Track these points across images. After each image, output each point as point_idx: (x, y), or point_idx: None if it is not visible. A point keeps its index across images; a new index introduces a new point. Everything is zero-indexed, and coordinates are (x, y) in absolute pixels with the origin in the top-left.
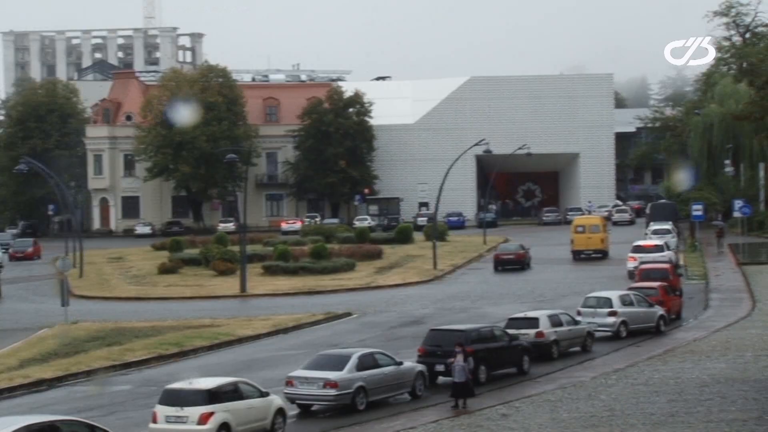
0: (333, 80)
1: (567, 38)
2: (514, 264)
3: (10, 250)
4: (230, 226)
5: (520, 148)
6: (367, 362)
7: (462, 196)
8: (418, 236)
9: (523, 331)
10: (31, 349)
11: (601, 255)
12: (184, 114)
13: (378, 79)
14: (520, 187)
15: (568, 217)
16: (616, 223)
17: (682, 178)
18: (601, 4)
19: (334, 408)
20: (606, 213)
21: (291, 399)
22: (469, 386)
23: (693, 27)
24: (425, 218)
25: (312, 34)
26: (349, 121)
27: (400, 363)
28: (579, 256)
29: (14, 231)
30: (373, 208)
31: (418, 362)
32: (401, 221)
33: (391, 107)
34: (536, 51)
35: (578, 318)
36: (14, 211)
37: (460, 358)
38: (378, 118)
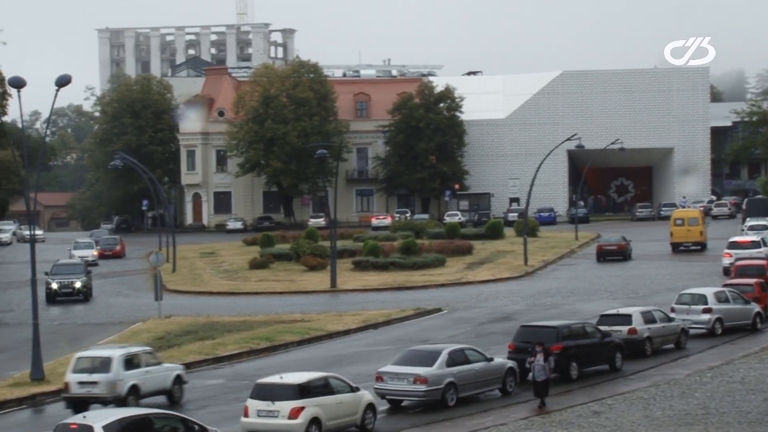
0: (424, 75)
1: (662, 32)
2: (616, 255)
3: (98, 248)
4: (320, 221)
5: (612, 143)
6: (457, 358)
7: (553, 191)
8: (508, 232)
9: (615, 327)
10: (125, 342)
11: (700, 248)
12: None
13: (469, 73)
14: (612, 183)
15: (661, 212)
16: (715, 217)
17: None
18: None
19: (424, 403)
20: (701, 208)
21: (381, 394)
22: (548, 385)
23: None
24: (516, 214)
25: (403, 29)
26: (439, 116)
27: (491, 359)
28: (678, 249)
29: (109, 226)
30: (464, 204)
31: (509, 358)
32: (492, 217)
33: (483, 102)
34: (629, 45)
35: (672, 315)
36: (109, 206)
37: (540, 357)
38: (469, 113)
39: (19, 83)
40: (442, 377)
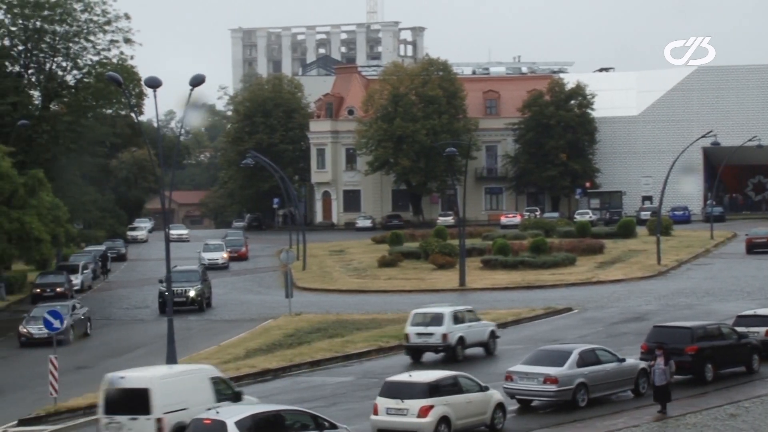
0: (554, 72)
1: None
2: (765, 247)
3: (228, 249)
4: (449, 219)
5: (750, 140)
6: (588, 358)
7: (687, 189)
8: (641, 230)
9: (753, 329)
10: (256, 339)
11: None
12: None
13: (601, 70)
14: (749, 180)
15: None
16: None
17: None
18: None
19: (554, 404)
20: None
21: (510, 394)
22: (668, 390)
23: None
24: (648, 212)
25: (534, 26)
26: (570, 114)
27: (623, 360)
28: None
29: (241, 224)
30: (595, 202)
31: (641, 359)
32: (624, 215)
33: (615, 99)
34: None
35: None
36: (241, 204)
37: (660, 360)
38: (600, 110)
39: (155, 83)
40: (572, 377)
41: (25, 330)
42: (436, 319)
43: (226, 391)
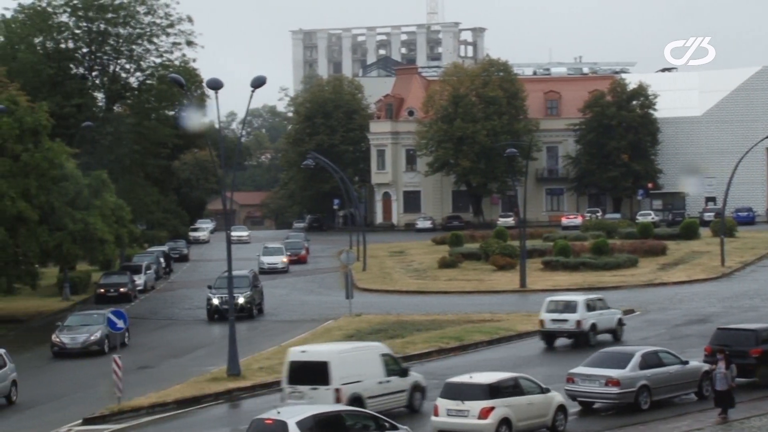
0: (616, 73)
1: None
2: None
3: (287, 253)
4: (510, 220)
5: None
6: (650, 360)
7: (752, 190)
8: (704, 232)
9: None
10: (317, 339)
11: None
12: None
13: (663, 70)
14: None
15: None
16: None
17: None
18: None
19: (616, 406)
20: None
21: (572, 396)
22: (731, 395)
23: None
24: (712, 213)
25: (595, 26)
26: (632, 114)
27: (686, 362)
28: None
29: (301, 225)
30: (657, 203)
31: (705, 362)
32: (686, 216)
33: (677, 99)
34: None
35: None
36: (301, 205)
37: (721, 365)
38: (663, 110)
39: (216, 85)
40: (635, 380)
41: (57, 339)
42: (570, 307)
43: (394, 366)
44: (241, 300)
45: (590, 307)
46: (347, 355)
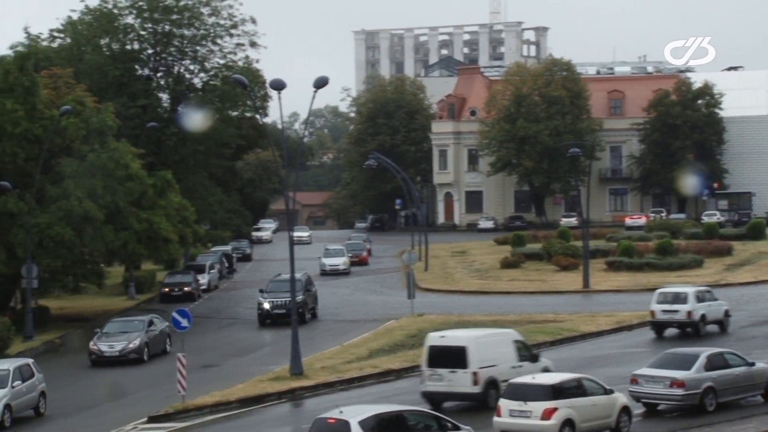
0: (681, 72)
1: None
2: None
3: (348, 254)
4: (572, 220)
5: None
6: (716, 362)
7: None
8: None
9: None
10: (379, 339)
11: None
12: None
13: (729, 69)
14: None
15: None
16: None
17: None
18: None
19: (681, 408)
20: None
21: (636, 397)
22: None
23: None
24: None
25: (660, 24)
26: (697, 114)
27: (752, 364)
28: None
29: (363, 225)
30: (723, 203)
31: None
32: (753, 217)
33: (744, 98)
34: None
35: None
36: (363, 205)
37: None
38: (729, 109)
39: (279, 85)
40: (700, 381)
41: (95, 347)
42: (681, 298)
43: (525, 352)
44: None
45: (700, 298)
46: (484, 340)
